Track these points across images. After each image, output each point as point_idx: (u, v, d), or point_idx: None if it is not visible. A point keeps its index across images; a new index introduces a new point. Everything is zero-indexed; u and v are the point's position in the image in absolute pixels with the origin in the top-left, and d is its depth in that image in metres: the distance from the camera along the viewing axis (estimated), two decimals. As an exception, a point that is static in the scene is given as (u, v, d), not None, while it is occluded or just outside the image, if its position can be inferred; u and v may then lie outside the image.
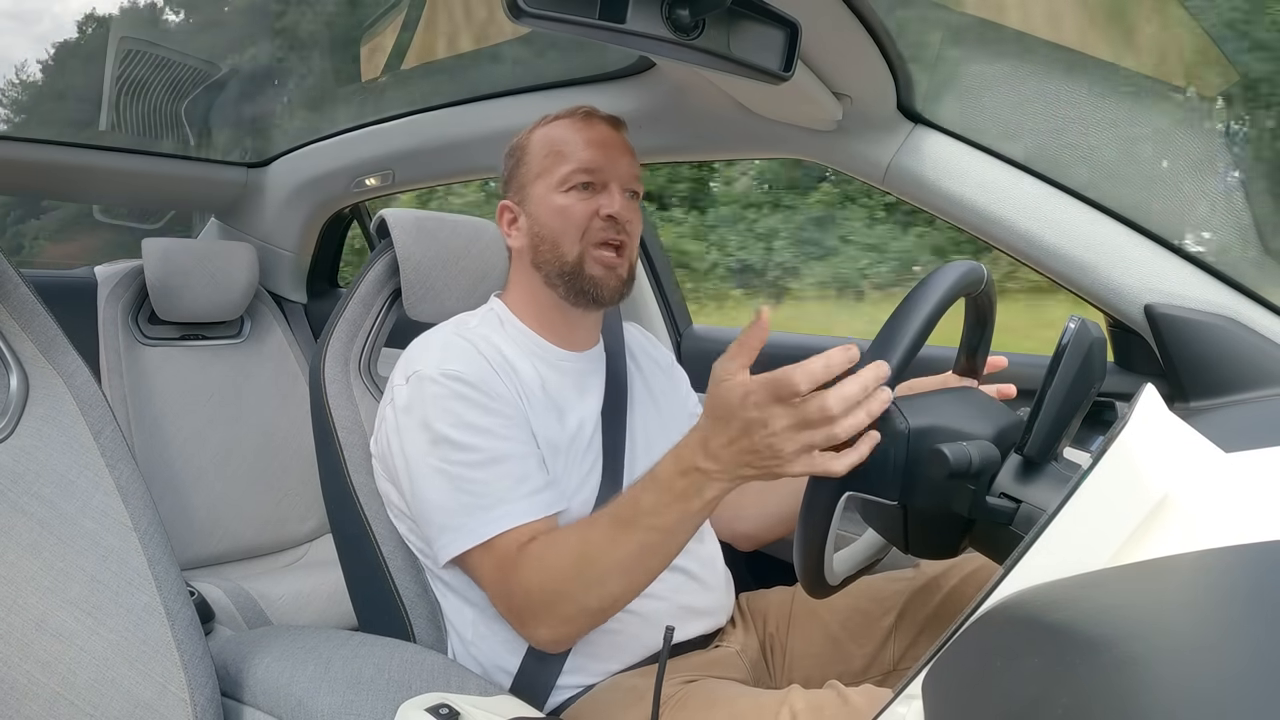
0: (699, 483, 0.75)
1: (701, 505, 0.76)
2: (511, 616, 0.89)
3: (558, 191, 1.01)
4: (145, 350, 1.89)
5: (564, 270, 1.00)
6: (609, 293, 1.01)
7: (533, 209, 1.03)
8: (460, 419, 0.91)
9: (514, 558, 0.86)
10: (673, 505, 0.77)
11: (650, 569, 0.82)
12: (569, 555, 0.83)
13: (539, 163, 1.03)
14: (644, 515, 0.78)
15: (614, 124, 1.06)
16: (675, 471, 0.77)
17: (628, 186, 1.03)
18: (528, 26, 0.69)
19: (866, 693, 0.81)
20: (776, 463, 0.70)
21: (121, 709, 0.70)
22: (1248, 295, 1.05)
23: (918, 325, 0.72)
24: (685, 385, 1.24)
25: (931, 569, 1.06)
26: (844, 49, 1.02)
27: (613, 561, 0.80)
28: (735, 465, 0.73)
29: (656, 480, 0.79)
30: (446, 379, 0.92)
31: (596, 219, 0.99)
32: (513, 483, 0.89)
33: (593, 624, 0.86)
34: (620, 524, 0.80)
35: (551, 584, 0.83)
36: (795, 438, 0.69)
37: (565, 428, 0.99)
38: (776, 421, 0.69)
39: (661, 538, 0.79)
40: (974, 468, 0.68)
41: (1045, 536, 0.50)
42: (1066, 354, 0.67)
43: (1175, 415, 0.63)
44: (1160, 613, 0.43)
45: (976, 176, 1.13)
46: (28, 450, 0.74)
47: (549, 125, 1.06)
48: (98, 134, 2.00)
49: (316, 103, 2.10)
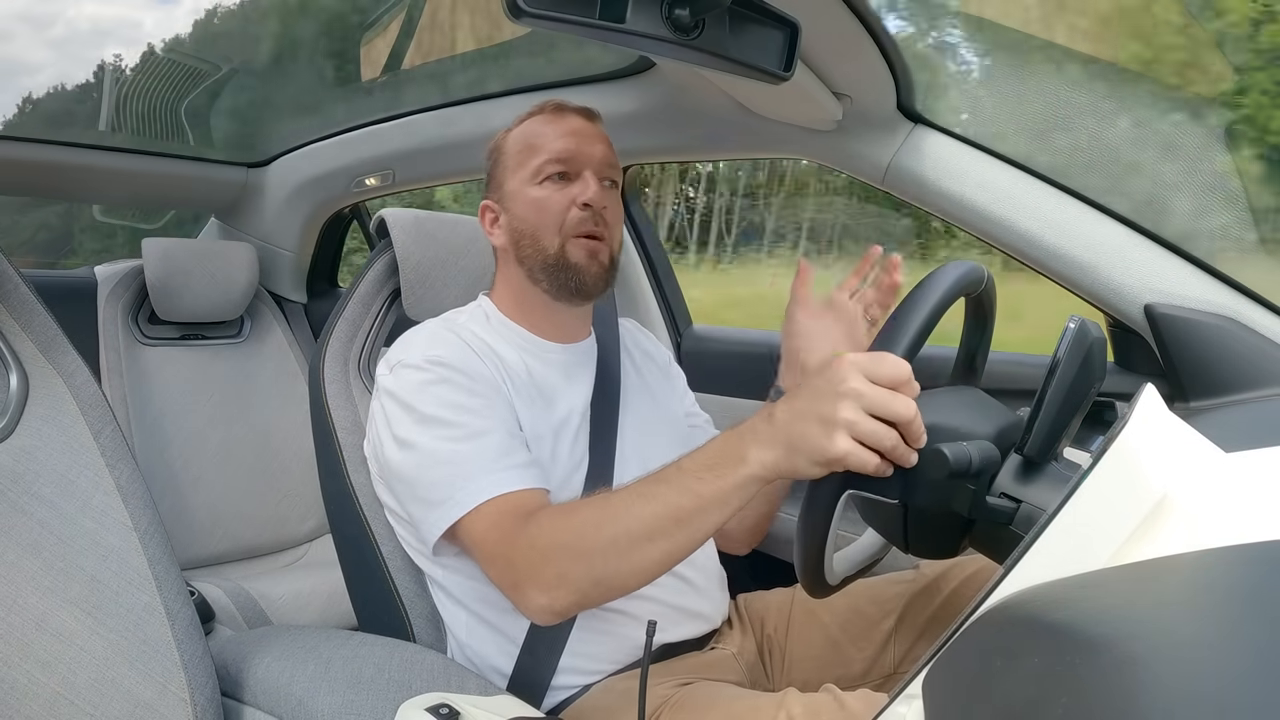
0: (747, 444, 0.71)
1: (741, 479, 0.71)
2: (507, 583, 0.84)
3: (532, 184, 1.02)
4: (145, 350, 1.89)
5: (546, 263, 1.01)
6: (592, 280, 1.01)
7: (510, 205, 1.04)
8: (442, 399, 0.91)
9: (514, 520, 0.84)
10: (714, 468, 0.73)
11: (665, 542, 0.75)
12: (588, 511, 0.80)
13: (514, 158, 1.04)
14: (684, 475, 0.74)
15: (587, 115, 1.06)
16: (731, 434, 0.74)
17: (603, 175, 1.02)
18: (528, 26, 0.69)
19: (863, 697, 0.81)
20: (825, 432, 0.67)
21: (121, 709, 0.70)
22: (1248, 295, 1.05)
23: (918, 325, 0.72)
24: (682, 384, 1.24)
25: (931, 571, 1.06)
26: (844, 49, 1.02)
27: (633, 520, 0.75)
28: (790, 422, 0.69)
29: (708, 445, 0.76)
30: (429, 364, 0.93)
31: (574, 208, 1.00)
32: (496, 455, 0.88)
33: (591, 597, 0.81)
34: (654, 481, 0.76)
35: (563, 539, 0.79)
36: (855, 409, 0.66)
37: (552, 415, 0.99)
38: (851, 381, 0.66)
39: (692, 505, 0.73)
40: (974, 468, 0.68)
41: (1045, 536, 0.50)
42: (1066, 354, 0.67)
43: (1175, 415, 0.63)
44: (1160, 613, 0.43)
45: (976, 176, 1.13)
46: (28, 450, 0.74)
47: (523, 123, 1.07)
48: (98, 134, 2.00)
49: (317, 104, 2.10)
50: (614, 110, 1.10)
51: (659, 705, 0.88)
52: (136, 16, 2.28)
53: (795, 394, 0.71)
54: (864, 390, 0.66)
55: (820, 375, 0.69)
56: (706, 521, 0.74)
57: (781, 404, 0.71)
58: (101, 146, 1.94)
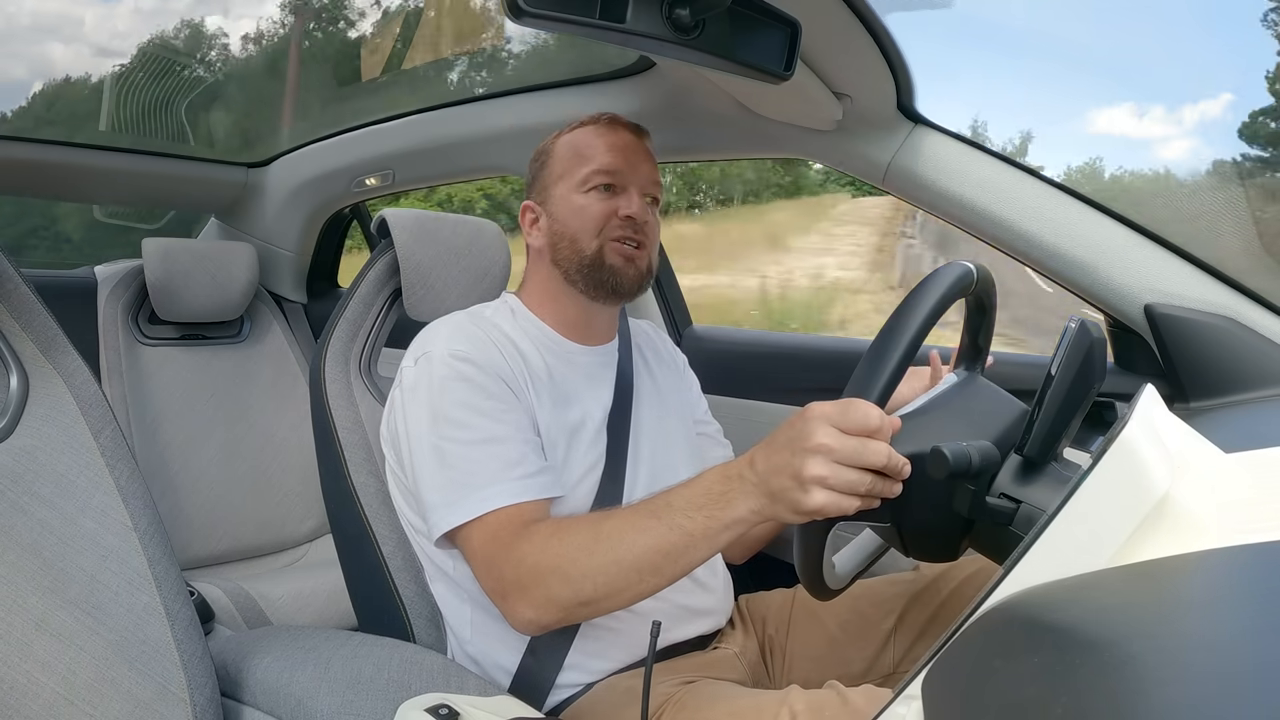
0: (734, 491, 0.73)
1: (728, 520, 0.74)
2: (497, 593, 0.86)
3: (578, 191, 1.03)
4: (145, 350, 1.89)
5: (583, 264, 1.02)
6: (628, 283, 1.02)
7: (553, 208, 1.05)
8: (459, 399, 0.91)
9: (511, 533, 0.85)
10: (704, 508, 0.75)
11: (653, 576, 0.78)
12: (580, 535, 0.81)
13: (562, 165, 1.06)
14: (674, 512, 0.76)
15: (637, 131, 1.08)
16: (718, 476, 0.76)
17: (647, 192, 1.04)
18: (528, 26, 0.69)
19: (866, 693, 0.81)
20: (799, 487, 0.68)
21: (121, 709, 0.70)
22: (1248, 295, 1.05)
23: (904, 346, 0.71)
24: (696, 389, 1.24)
25: (931, 571, 1.06)
26: (844, 49, 1.02)
27: (624, 550, 0.77)
28: (769, 474, 0.71)
29: (696, 483, 0.77)
30: (452, 359, 0.93)
31: (615, 218, 1.01)
32: (505, 464, 0.89)
33: (576, 615, 0.83)
34: (644, 514, 0.78)
35: (553, 560, 0.81)
36: (824, 464, 0.67)
37: (570, 417, 1.00)
38: (818, 435, 0.67)
39: (681, 542, 0.75)
40: (974, 468, 0.68)
41: (1045, 537, 0.50)
42: (1066, 354, 0.67)
43: (1175, 415, 0.63)
44: (1160, 613, 0.43)
45: (976, 176, 1.13)
46: (28, 450, 0.74)
47: (574, 131, 1.08)
48: (98, 134, 2.00)
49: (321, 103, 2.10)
50: (614, 110, 1.10)
51: (662, 703, 0.88)
52: (78, 14, 2.27)
53: (771, 444, 0.72)
54: (833, 444, 0.66)
55: (791, 428, 0.70)
56: (695, 556, 0.77)
57: (760, 452, 0.72)
58: (102, 146, 1.95)
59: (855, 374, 0.73)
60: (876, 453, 0.67)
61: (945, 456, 0.67)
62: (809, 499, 0.67)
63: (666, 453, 1.07)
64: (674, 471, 1.06)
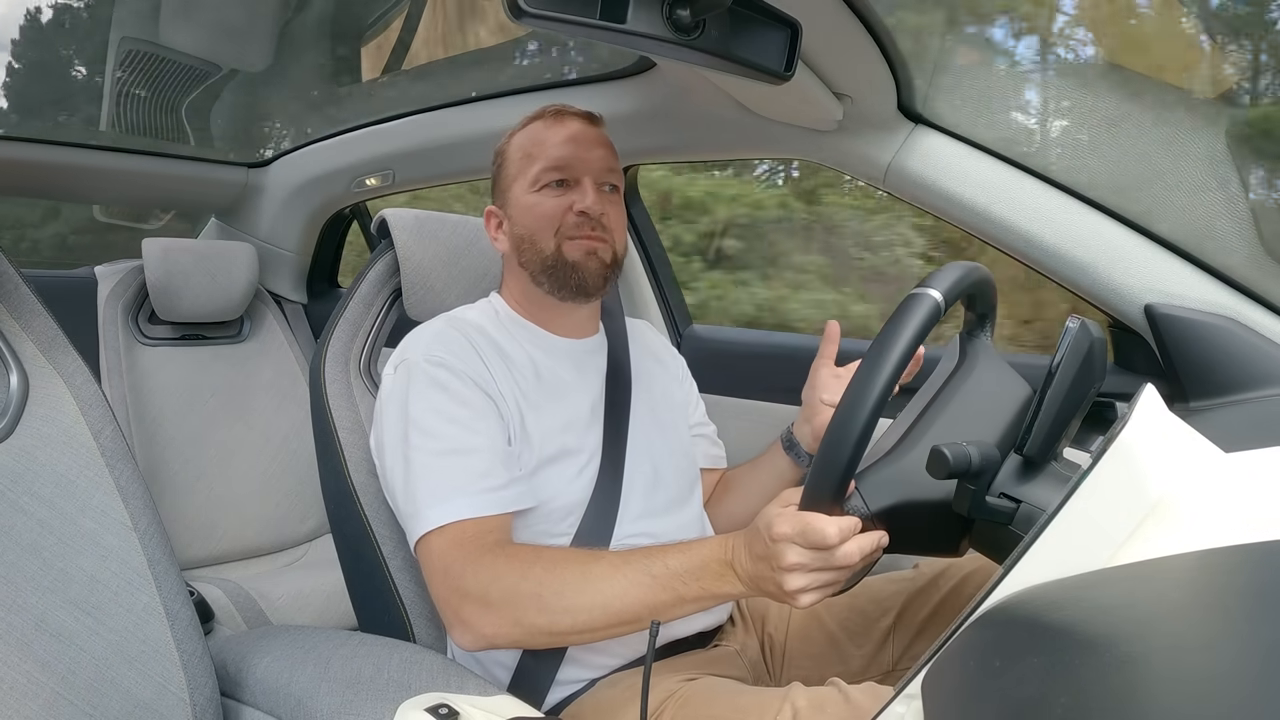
0: (730, 575, 0.79)
1: (721, 595, 0.80)
2: (448, 604, 0.86)
3: (531, 191, 1.03)
4: (145, 350, 1.89)
5: (545, 264, 1.01)
6: (592, 277, 1.01)
7: (512, 211, 1.05)
8: (433, 405, 0.92)
9: (475, 545, 0.85)
10: (701, 580, 0.80)
11: (632, 625, 0.82)
12: (568, 570, 0.83)
13: (515, 165, 1.05)
14: (670, 575, 0.80)
15: (588, 119, 1.06)
16: (718, 553, 0.80)
17: (602, 180, 1.03)
18: (528, 26, 0.69)
19: (868, 690, 0.81)
20: (783, 594, 0.75)
21: (121, 709, 0.70)
22: (1248, 295, 1.05)
23: (886, 376, 0.69)
24: (694, 394, 1.24)
25: (930, 569, 1.06)
26: (844, 49, 1.02)
27: (612, 597, 0.80)
28: (755, 579, 0.77)
29: (695, 553, 0.81)
30: (430, 364, 0.94)
31: (570, 215, 1.00)
32: (472, 477, 0.89)
33: (535, 643, 0.87)
34: (639, 569, 0.81)
35: (533, 587, 0.82)
36: (800, 577, 0.74)
37: (563, 410, 1.00)
38: (789, 557, 0.73)
39: (670, 600, 0.80)
40: (974, 468, 0.68)
41: (1045, 536, 0.50)
42: (1066, 354, 0.67)
43: (1175, 415, 0.62)
44: (1160, 613, 0.43)
45: (976, 176, 1.13)
46: (28, 450, 0.74)
47: (524, 128, 1.07)
48: (98, 134, 1.99)
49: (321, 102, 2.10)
50: (614, 110, 1.10)
51: (664, 700, 0.88)
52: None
53: (750, 551, 0.77)
54: (804, 561, 0.73)
55: (762, 543, 0.75)
56: (677, 614, 0.82)
57: (742, 554, 0.78)
58: (102, 146, 1.94)
59: (811, 473, 0.73)
60: (846, 556, 0.72)
61: (945, 456, 0.67)
62: (796, 602, 0.75)
63: (662, 446, 1.07)
64: (671, 463, 1.07)
